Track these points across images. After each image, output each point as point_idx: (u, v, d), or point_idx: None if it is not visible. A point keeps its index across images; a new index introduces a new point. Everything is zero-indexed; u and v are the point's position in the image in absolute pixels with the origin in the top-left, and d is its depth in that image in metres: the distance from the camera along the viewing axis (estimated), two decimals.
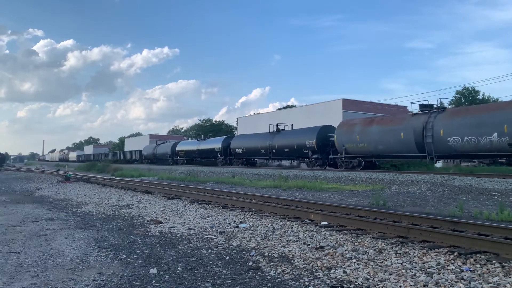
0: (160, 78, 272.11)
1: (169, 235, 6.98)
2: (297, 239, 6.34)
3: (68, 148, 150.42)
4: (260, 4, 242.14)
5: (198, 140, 44.56)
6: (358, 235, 6.39)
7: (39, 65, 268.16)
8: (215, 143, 40.10)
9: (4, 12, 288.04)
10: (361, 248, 5.60)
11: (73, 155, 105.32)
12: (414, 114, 22.05)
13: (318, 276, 4.45)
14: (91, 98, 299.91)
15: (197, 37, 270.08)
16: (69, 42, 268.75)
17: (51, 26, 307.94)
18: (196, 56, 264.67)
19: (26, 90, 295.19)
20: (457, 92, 61.91)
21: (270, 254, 5.46)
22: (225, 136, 40.14)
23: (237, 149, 35.77)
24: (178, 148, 47.07)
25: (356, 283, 4.18)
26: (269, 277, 4.50)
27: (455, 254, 5.06)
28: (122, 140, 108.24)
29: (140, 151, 58.64)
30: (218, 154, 38.52)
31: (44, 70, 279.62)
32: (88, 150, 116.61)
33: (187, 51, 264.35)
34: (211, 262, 5.15)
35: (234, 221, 8.09)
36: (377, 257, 5.14)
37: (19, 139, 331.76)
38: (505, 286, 3.92)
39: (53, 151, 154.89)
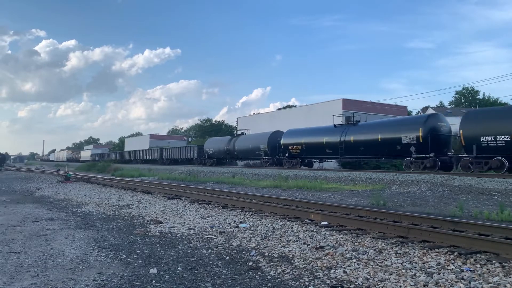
0: (161, 78, 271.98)
1: (169, 235, 6.98)
2: (297, 239, 6.34)
3: (68, 148, 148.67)
4: (261, 5, 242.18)
5: (335, 126, 25.65)
6: (358, 235, 6.39)
7: (40, 65, 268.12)
8: (399, 129, 21.30)
9: (6, 13, 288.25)
10: (361, 248, 5.60)
11: (85, 154, 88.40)
12: None
13: (318, 276, 4.45)
14: (92, 98, 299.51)
15: (198, 38, 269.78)
16: (71, 43, 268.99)
17: (53, 26, 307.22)
18: (197, 56, 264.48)
19: (27, 90, 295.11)
20: (457, 92, 62.16)
21: (270, 254, 5.46)
22: (428, 114, 21.81)
23: (486, 138, 17.35)
24: (286, 141, 29.01)
25: (356, 283, 4.18)
26: (269, 277, 4.50)
27: (455, 254, 5.06)
28: (122, 140, 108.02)
29: (200, 147, 42.17)
30: (413, 148, 20.32)
31: (46, 70, 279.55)
32: (108, 148, 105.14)
33: (188, 52, 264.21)
34: (211, 262, 5.15)
35: (234, 221, 8.10)
36: (377, 257, 5.14)
37: (19, 139, 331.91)
38: (505, 286, 3.91)
39: (53, 151, 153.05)
